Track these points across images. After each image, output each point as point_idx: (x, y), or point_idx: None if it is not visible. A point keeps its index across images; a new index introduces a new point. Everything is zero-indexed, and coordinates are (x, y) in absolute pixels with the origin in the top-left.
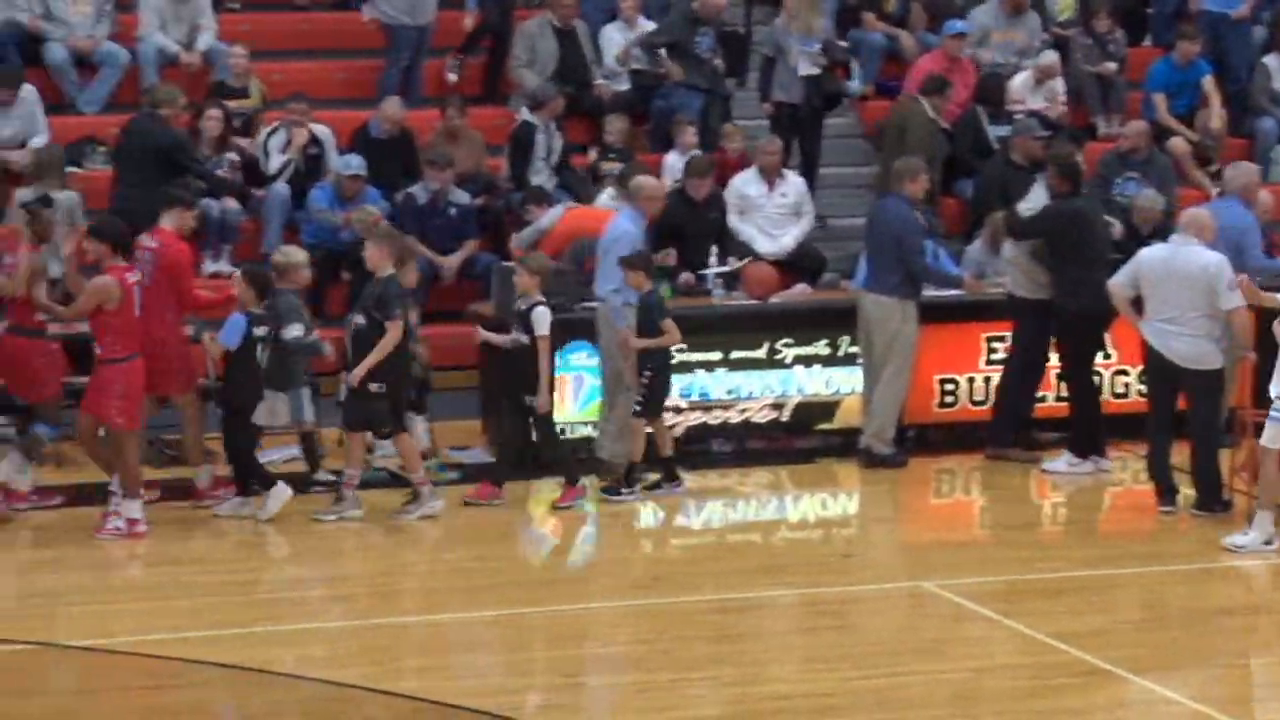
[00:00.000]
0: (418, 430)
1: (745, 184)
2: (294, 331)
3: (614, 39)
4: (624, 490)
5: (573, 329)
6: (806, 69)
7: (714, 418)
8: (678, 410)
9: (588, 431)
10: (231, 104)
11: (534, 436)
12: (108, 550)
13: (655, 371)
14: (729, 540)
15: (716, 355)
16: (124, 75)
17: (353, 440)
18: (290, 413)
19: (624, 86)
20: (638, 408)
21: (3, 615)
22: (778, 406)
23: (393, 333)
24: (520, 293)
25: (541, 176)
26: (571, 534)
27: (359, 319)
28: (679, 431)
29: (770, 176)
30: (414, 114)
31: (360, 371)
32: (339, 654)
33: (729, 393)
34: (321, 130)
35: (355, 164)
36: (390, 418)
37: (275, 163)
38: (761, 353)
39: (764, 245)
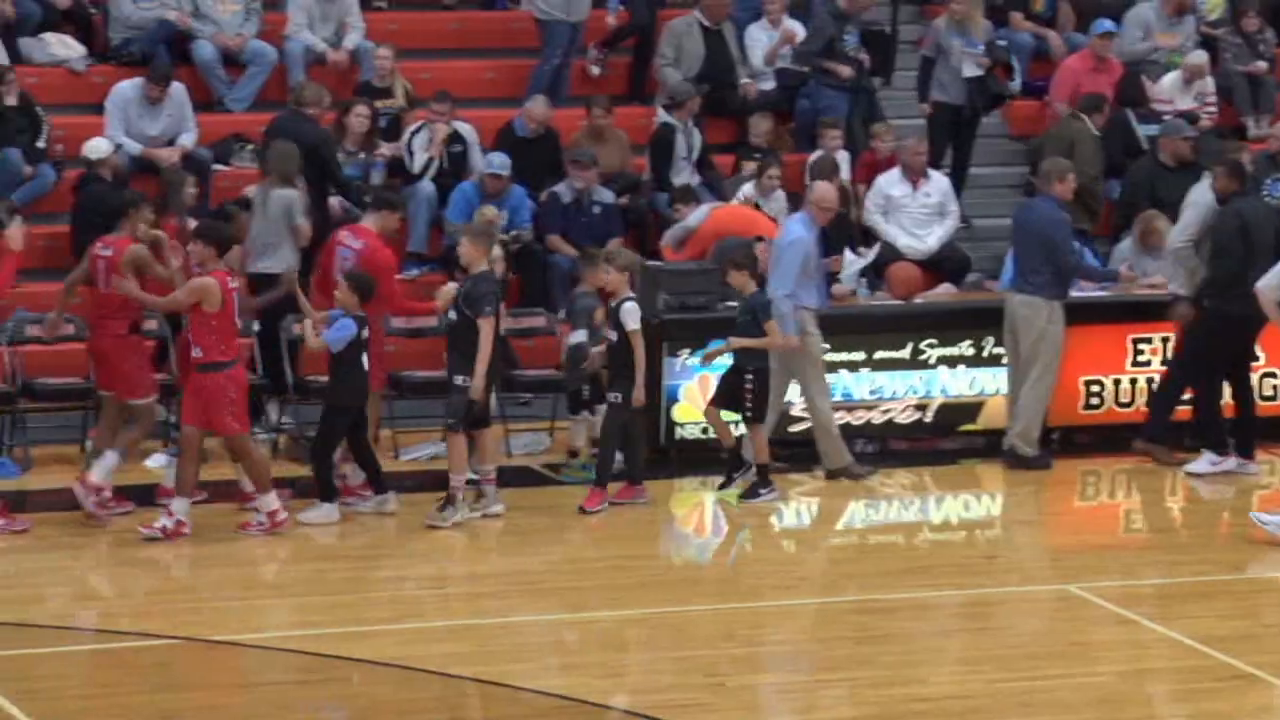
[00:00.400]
0: (580, 430)
1: (889, 184)
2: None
3: (759, 39)
4: (762, 491)
5: (714, 328)
6: (971, 70)
7: (857, 418)
8: None
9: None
10: (377, 104)
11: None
12: (251, 546)
13: (756, 374)
14: (871, 541)
15: (860, 355)
16: (271, 73)
17: (480, 438)
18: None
19: (769, 85)
20: (749, 413)
21: (153, 610)
22: (921, 407)
23: (485, 329)
24: (609, 290)
25: (683, 176)
26: (715, 534)
27: (452, 315)
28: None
29: (915, 176)
30: (559, 112)
31: (480, 369)
32: (484, 651)
33: (872, 393)
34: (465, 128)
35: (499, 162)
36: (462, 412)
37: (419, 161)
38: (905, 353)
39: (907, 245)
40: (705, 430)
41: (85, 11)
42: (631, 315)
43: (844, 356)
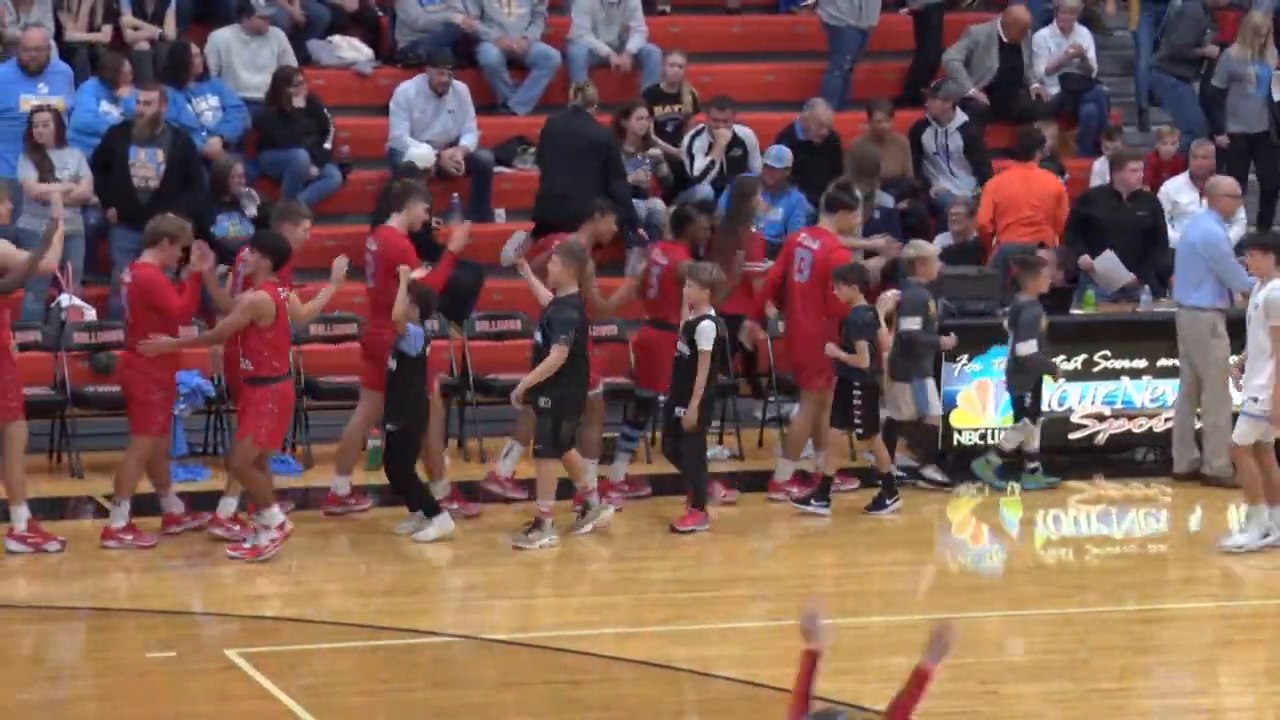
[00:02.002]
0: (1013, 436)
1: (1177, 190)
2: (912, 324)
3: (1046, 45)
4: (889, 502)
5: (991, 334)
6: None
7: (1138, 425)
8: (1100, 418)
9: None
10: (664, 109)
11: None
12: (528, 548)
13: (864, 388)
14: (1150, 550)
15: (1142, 363)
16: (554, 77)
17: (569, 459)
18: (915, 405)
19: (1054, 90)
20: (859, 427)
21: (429, 608)
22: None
23: (554, 355)
24: (689, 304)
25: (942, 177)
26: (987, 540)
27: (538, 337)
28: (1101, 440)
29: (1202, 183)
30: (839, 116)
31: (520, 390)
32: (755, 654)
33: (1153, 400)
34: (745, 132)
35: (776, 154)
36: (550, 436)
37: (699, 165)
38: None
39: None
40: (984, 436)
41: (373, 14)
42: (705, 335)
43: (1124, 364)
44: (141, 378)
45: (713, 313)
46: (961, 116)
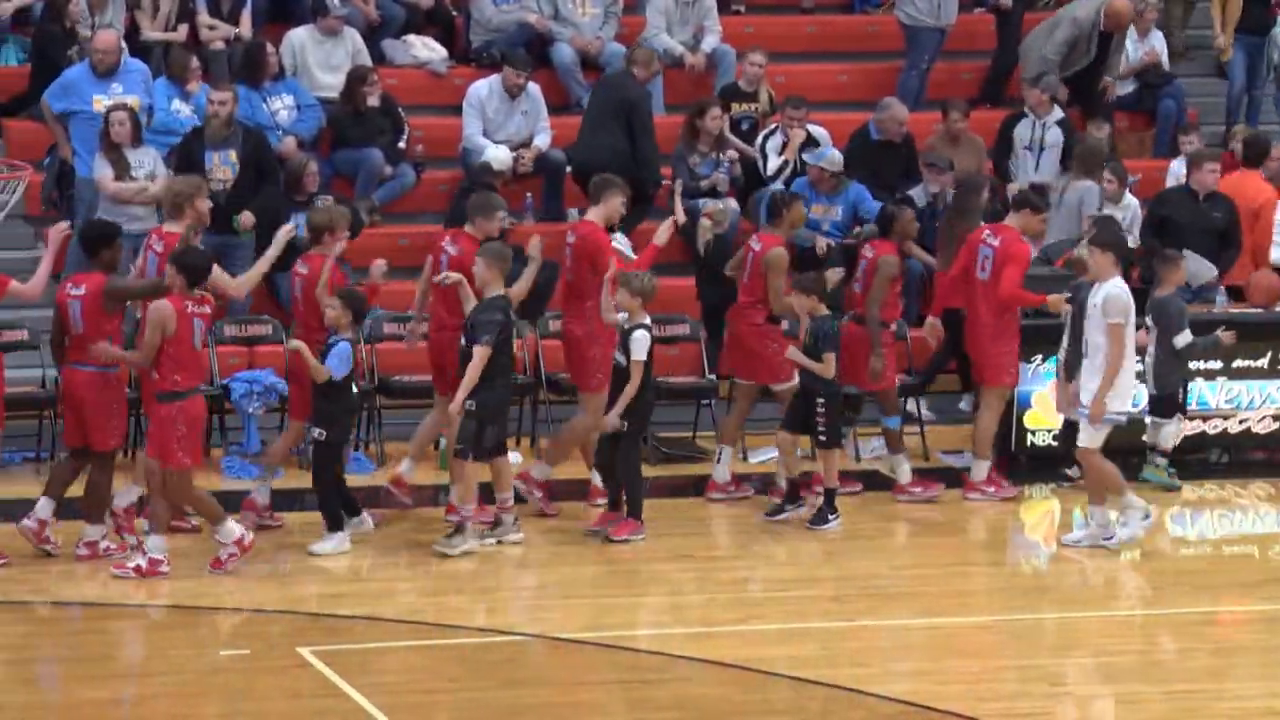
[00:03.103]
0: (1159, 430)
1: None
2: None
3: (1126, 45)
4: (831, 518)
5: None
6: None
7: (1212, 427)
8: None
9: None
10: (740, 107)
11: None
12: (599, 547)
13: (827, 398)
14: (1225, 552)
15: (1216, 364)
16: None
17: (495, 466)
18: None
19: (1129, 88)
20: (822, 438)
21: (499, 607)
22: (1279, 417)
23: (477, 357)
24: (623, 312)
25: (1028, 170)
26: (1058, 542)
27: (462, 340)
28: (1177, 440)
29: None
30: (915, 116)
31: (459, 397)
32: (829, 655)
33: (1228, 402)
34: (819, 132)
35: (824, 157)
36: (472, 439)
37: (773, 165)
38: (1264, 362)
39: (1276, 254)
40: (1057, 437)
41: (447, 14)
42: (640, 344)
43: (1199, 365)
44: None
45: (647, 321)
46: (1058, 111)
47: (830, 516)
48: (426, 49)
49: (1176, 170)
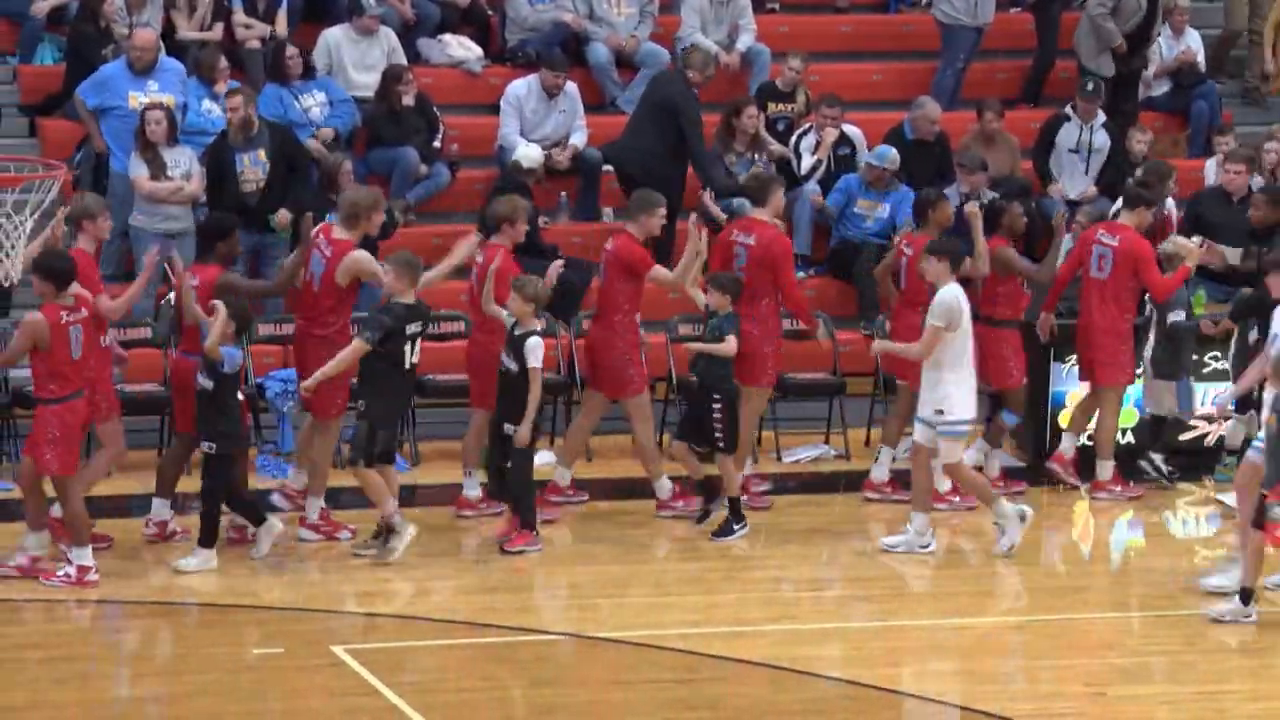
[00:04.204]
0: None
1: None
2: (1178, 316)
3: (1159, 47)
4: (736, 527)
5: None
6: None
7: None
8: (1210, 419)
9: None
10: (777, 107)
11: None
12: (631, 545)
13: (724, 402)
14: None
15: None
16: None
17: (384, 474)
18: (1175, 402)
19: (1163, 89)
20: (719, 444)
21: (533, 606)
22: None
23: (349, 350)
24: (514, 318)
25: (1075, 178)
26: (1094, 542)
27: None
28: (1211, 441)
29: None
30: (949, 115)
31: (310, 382)
32: (861, 654)
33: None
34: (853, 131)
35: (879, 153)
36: (364, 444)
37: (806, 164)
38: None
39: None
40: (1090, 439)
41: (483, 13)
42: (535, 351)
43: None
44: None
45: (539, 327)
46: (1102, 114)
47: (736, 527)
48: (462, 48)
49: (1211, 170)
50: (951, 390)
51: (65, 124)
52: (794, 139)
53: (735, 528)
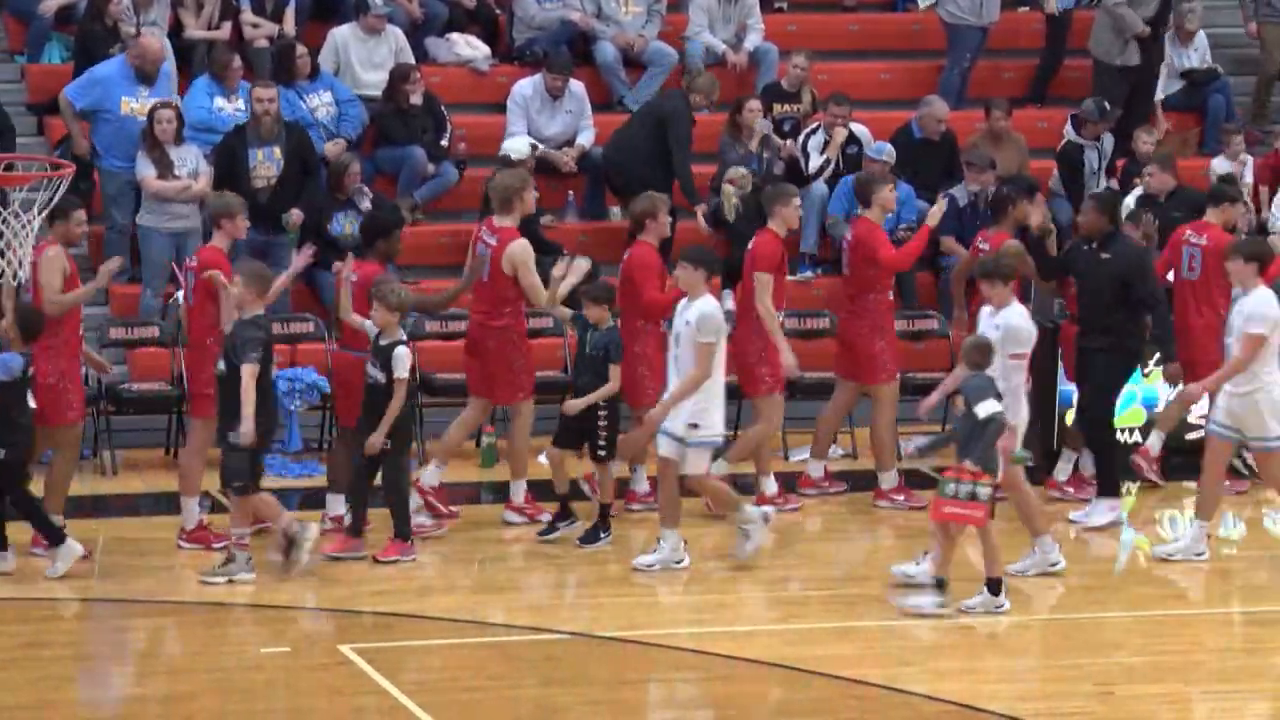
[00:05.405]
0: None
1: None
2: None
3: (1169, 58)
4: (603, 535)
5: None
6: None
7: None
8: None
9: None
10: (783, 108)
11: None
12: (635, 548)
13: (610, 411)
14: (1267, 553)
15: None
16: (670, 74)
17: (233, 500)
18: None
19: (1175, 87)
20: (601, 451)
21: (542, 605)
22: None
23: (245, 377)
24: (379, 328)
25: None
26: (1103, 541)
27: (221, 365)
28: None
29: None
30: (957, 114)
31: (245, 424)
32: (870, 654)
33: None
34: (860, 130)
35: (876, 148)
36: (247, 472)
37: (814, 163)
38: None
39: None
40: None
41: (490, 12)
42: (401, 361)
43: None
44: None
45: (404, 337)
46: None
47: (602, 534)
48: (469, 47)
49: (1217, 168)
50: (705, 404)
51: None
52: (801, 138)
53: (601, 535)
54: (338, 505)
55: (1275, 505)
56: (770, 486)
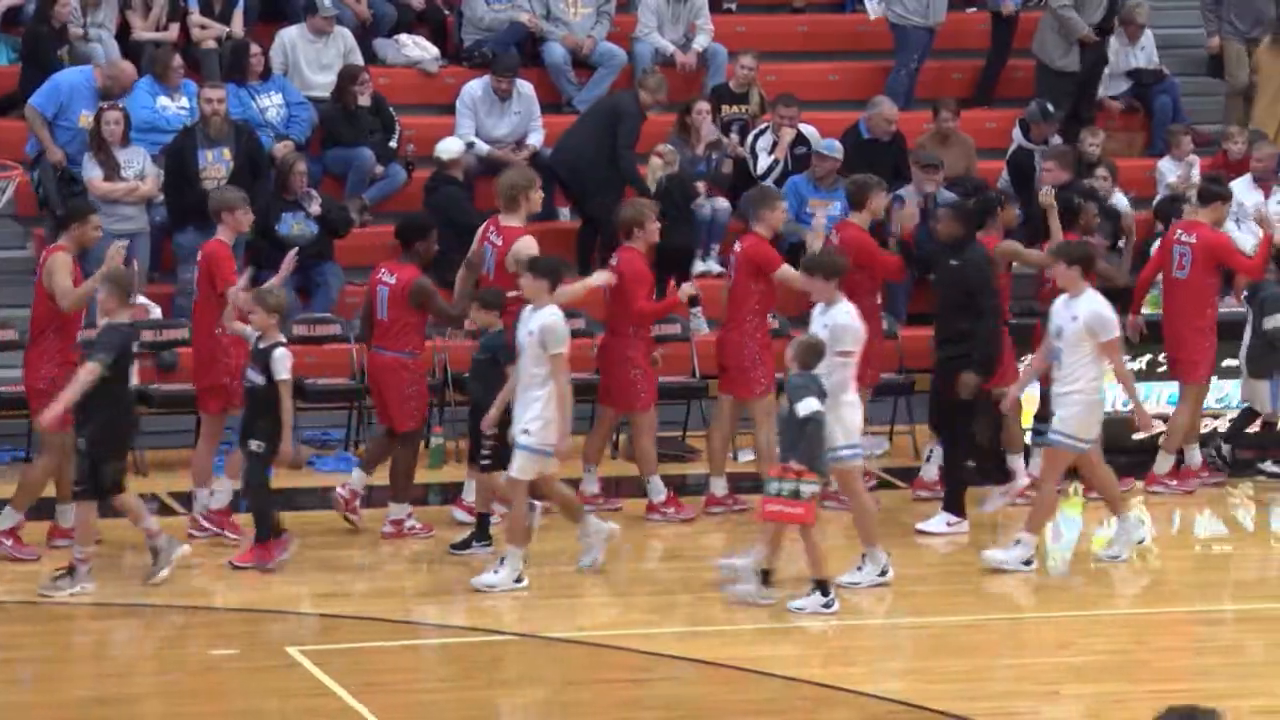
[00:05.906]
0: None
1: (1241, 191)
2: (1275, 321)
3: (1114, 56)
4: (475, 545)
5: None
6: None
7: (1202, 426)
8: (1163, 418)
9: None
10: (730, 109)
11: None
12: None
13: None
14: (1213, 551)
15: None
16: (619, 75)
17: (78, 508)
18: (1268, 401)
19: (1122, 87)
20: (486, 460)
21: (493, 607)
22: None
23: (83, 372)
24: (258, 331)
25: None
26: (1051, 541)
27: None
28: (1163, 440)
29: (1266, 184)
30: (905, 115)
31: (48, 416)
32: (817, 654)
33: (1218, 401)
34: (809, 130)
35: (826, 145)
36: (89, 478)
37: (763, 164)
38: None
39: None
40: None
41: (439, 13)
42: (282, 363)
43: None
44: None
45: (284, 339)
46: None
47: (475, 544)
48: (418, 48)
49: (1164, 169)
50: (549, 416)
51: (20, 125)
52: (750, 139)
53: (474, 544)
54: (359, 481)
55: (1227, 505)
56: (592, 486)
